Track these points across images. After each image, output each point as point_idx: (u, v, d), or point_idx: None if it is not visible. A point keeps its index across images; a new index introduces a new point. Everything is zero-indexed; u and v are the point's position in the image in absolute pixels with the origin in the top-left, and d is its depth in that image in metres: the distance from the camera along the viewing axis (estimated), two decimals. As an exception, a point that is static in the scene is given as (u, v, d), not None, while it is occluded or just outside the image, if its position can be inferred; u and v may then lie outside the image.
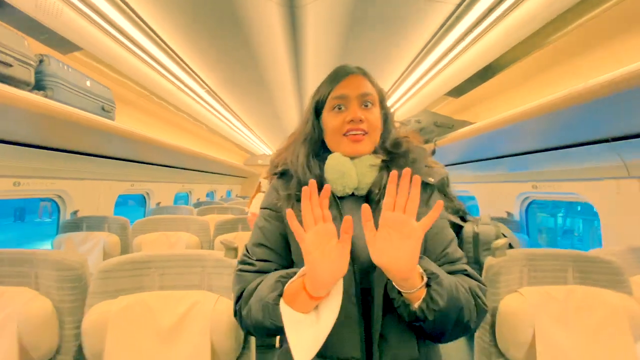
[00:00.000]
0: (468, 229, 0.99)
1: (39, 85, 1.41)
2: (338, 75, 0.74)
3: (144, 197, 3.41)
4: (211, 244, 2.08)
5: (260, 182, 2.74)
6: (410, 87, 2.34)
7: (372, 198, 0.69)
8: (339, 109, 0.72)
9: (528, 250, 1.01)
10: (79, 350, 0.92)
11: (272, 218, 0.75)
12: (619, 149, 1.39)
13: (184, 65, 2.14)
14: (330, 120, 0.73)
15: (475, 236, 0.98)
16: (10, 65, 1.20)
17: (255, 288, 0.65)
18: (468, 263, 0.72)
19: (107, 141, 1.97)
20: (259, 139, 5.79)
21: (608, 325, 0.91)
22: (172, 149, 2.66)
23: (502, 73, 2.06)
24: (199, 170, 4.12)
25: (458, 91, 2.46)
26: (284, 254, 0.73)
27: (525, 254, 1.00)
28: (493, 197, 2.70)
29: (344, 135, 0.72)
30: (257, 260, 0.72)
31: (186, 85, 2.51)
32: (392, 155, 0.73)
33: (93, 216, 2.05)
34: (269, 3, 1.43)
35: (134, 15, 1.52)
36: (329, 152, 0.75)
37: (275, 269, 0.69)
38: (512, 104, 2.14)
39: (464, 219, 1.24)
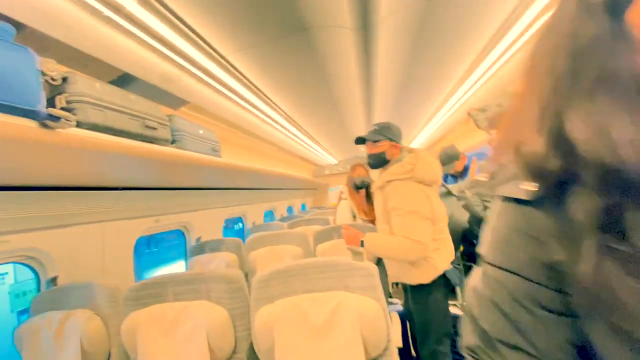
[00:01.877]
0: None
1: (171, 140, 1.75)
2: None
3: (241, 219, 3.85)
4: (313, 253, 2.27)
5: (341, 191, 2.90)
6: (486, 71, 2.26)
7: None
8: None
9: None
10: (250, 348, 1.12)
11: None
12: None
13: (262, 95, 2.40)
14: None
15: None
16: (155, 129, 1.54)
17: None
18: None
19: (215, 175, 2.32)
20: (325, 151, 6.03)
21: None
22: (261, 173, 2.98)
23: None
24: (280, 189, 4.48)
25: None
26: None
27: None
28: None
29: None
30: None
31: (267, 116, 2.80)
32: None
33: (212, 240, 2.41)
34: (342, 30, 1.56)
35: (233, 69, 1.79)
36: None
37: None
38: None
39: None
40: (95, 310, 1.32)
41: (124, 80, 1.79)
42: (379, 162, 1.61)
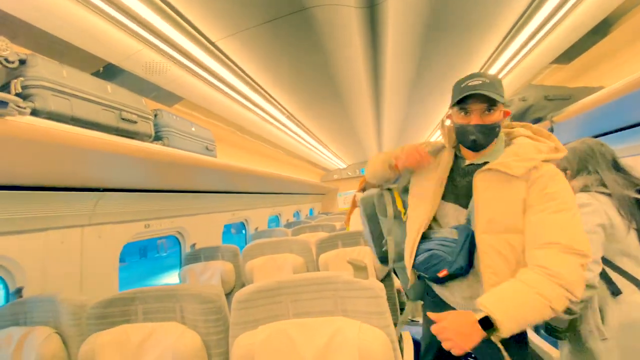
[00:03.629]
0: None
1: (156, 137, 1.58)
2: None
3: (243, 224, 3.67)
4: (315, 262, 2.06)
5: (355, 196, 2.67)
6: (507, 63, 2.04)
7: None
8: None
9: None
10: (228, 383, 0.92)
11: None
12: None
13: (259, 88, 2.20)
14: None
15: None
16: (135, 122, 1.37)
17: None
18: None
19: (211, 177, 2.14)
20: (333, 154, 5.83)
21: None
22: (263, 175, 2.80)
23: (628, 20, 1.67)
24: (285, 193, 4.29)
25: (567, 56, 2.08)
26: None
27: None
28: None
29: None
30: None
31: (268, 114, 2.62)
32: None
33: (208, 247, 2.23)
34: (346, 9, 1.37)
35: (224, 58, 1.62)
36: None
37: None
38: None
39: None
40: (57, 329, 1.14)
41: (109, 72, 1.65)
42: (490, 139, 0.97)
